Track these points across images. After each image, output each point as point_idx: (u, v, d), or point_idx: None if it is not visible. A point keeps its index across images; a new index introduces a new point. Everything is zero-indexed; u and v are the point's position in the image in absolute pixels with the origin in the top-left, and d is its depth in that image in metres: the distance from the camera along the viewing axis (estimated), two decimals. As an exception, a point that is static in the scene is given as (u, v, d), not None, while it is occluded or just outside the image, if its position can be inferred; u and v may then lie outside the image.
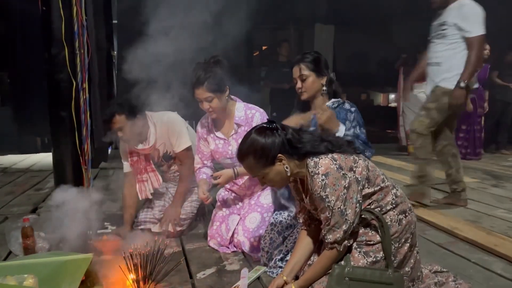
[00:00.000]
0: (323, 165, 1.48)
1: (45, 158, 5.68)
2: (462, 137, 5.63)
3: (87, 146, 2.63)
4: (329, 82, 2.07)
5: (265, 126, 1.58)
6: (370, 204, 1.56)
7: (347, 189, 1.47)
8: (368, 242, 1.55)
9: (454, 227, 2.63)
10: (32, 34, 5.12)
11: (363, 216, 1.54)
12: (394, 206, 1.57)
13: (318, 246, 1.69)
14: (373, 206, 1.56)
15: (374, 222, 1.55)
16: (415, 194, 3.11)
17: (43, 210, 3.13)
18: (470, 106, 5.45)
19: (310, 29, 7.97)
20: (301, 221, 1.75)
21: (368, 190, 1.55)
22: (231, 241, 2.30)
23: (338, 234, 1.48)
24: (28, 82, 5.38)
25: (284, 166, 1.54)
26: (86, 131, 2.63)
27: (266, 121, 1.63)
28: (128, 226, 2.53)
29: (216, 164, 2.48)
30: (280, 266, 1.93)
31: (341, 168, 1.48)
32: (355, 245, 1.56)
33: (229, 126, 2.31)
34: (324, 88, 2.07)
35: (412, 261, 1.61)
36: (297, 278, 1.67)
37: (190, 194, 2.64)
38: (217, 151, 2.34)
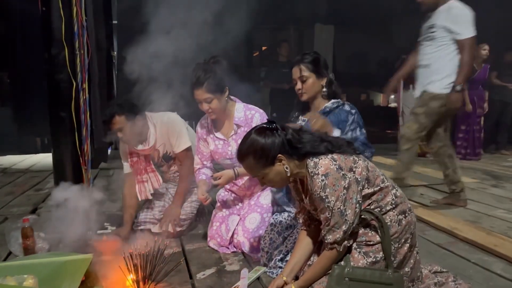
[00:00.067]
0: (323, 165, 1.48)
1: (45, 159, 5.68)
2: (461, 137, 5.64)
3: (87, 147, 2.63)
4: (329, 83, 2.08)
5: (265, 126, 1.58)
6: (370, 204, 1.57)
7: (347, 189, 1.47)
8: (368, 243, 1.55)
9: (454, 228, 2.63)
10: (32, 34, 5.12)
11: (363, 216, 1.54)
12: (393, 206, 1.57)
13: (318, 246, 1.69)
14: (372, 207, 1.56)
15: (374, 223, 1.55)
16: None
17: (43, 210, 3.14)
18: (469, 106, 5.45)
19: (310, 29, 7.97)
20: (300, 221, 1.75)
21: (367, 190, 1.55)
22: (231, 241, 2.30)
23: (338, 235, 1.48)
24: (28, 82, 5.38)
25: (284, 167, 1.54)
26: (86, 132, 2.63)
27: (266, 121, 1.63)
28: (128, 226, 2.53)
29: (215, 164, 2.48)
30: (280, 267, 1.92)
31: (341, 168, 1.48)
32: (355, 245, 1.56)
33: (228, 127, 2.31)
34: (324, 89, 2.07)
35: (412, 261, 1.61)
36: (297, 278, 1.67)
37: (190, 194, 2.63)
38: (216, 152, 2.34)
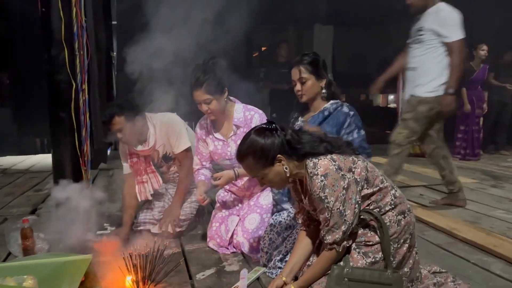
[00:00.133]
0: (322, 166, 1.48)
1: (44, 159, 5.68)
2: (460, 137, 5.64)
3: (87, 147, 2.63)
4: (328, 84, 2.08)
5: (264, 126, 1.58)
6: (369, 205, 1.57)
7: (346, 190, 1.47)
8: (367, 243, 1.55)
9: (453, 228, 2.63)
10: (31, 35, 5.11)
11: (362, 216, 1.55)
12: (393, 207, 1.58)
13: (317, 246, 1.69)
14: (372, 207, 1.57)
15: (373, 223, 1.55)
16: None
17: (43, 211, 3.14)
18: (468, 106, 5.46)
19: (309, 29, 7.97)
20: (300, 221, 1.75)
21: (367, 191, 1.55)
22: (231, 242, 2.30)
23: (337, 235, 1.48)
24: (27, 83, 5.37)
25: (283, 167, 1.54)
26: (85, 132, 2.62)
27: (265, 122, 1.64)
28: (127, 227, 2.53)
29: (215, 165, 2.48)
30: (279, 267, 1.93)
31: (340, 169, 1.49)
32: (354, 245, 1.56)
33: (228, 128, 2.31)
34: (323, 90, 2.07)
35: (411, 261, 1.62)
36: (296, 278, 1.67)
37: (190, 195, 2.63)
38: (216, 152, 2.34)
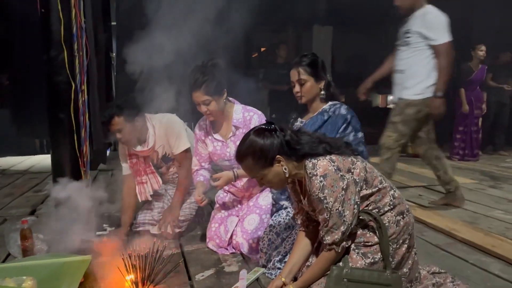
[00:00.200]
0: (321, 166, 1.48)
1: (43, 160, 5.68)
2: (459, 138, 5.66)
3: (86, 148, 2.63)
4: (327, 85, 2.08)
5: (263, 127, 1.58)
6: (368, 205, 1.57)
7: (345, 190, 1.48)
8: (366, 243, 1.56)
9: (452, 228, 2.64)
10: (31, 36, 5.11)
11: (361, 217, 1.55)
12: (392, 207, 1.58)
13: (317, 247, 1.70)
14: (371, 208, 1.57)
15: (372, 224, 1.56)
16: None
17: (42, 212, 3.14)
18: (466, 107, 5.47)
19: (309, 30, 7.97)
20: (299, 222, 1.75)
21: (366, 191, 1.55)
22: (230, 242, 2.30)
23: (336, 236, 1.49)
24: (27, 83, 5.36)
25: (282, 167, 1.55)
26: (84, 133, 2.62)
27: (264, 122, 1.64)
28: (125, 228, 2.53)
29: (214, 166, 2.48)
30: (278, 268, 1.93)
31: (339, 169, 1.49)
32: (353, 246, 1.56)
33: (227, 128, 2.32)
34: (322, 92, 2.07)
35: (410, 262, 1.62)
36: (295, 279, 1.67)
37: (189, 196, 2.64)
38: (215, 153, 2.34)
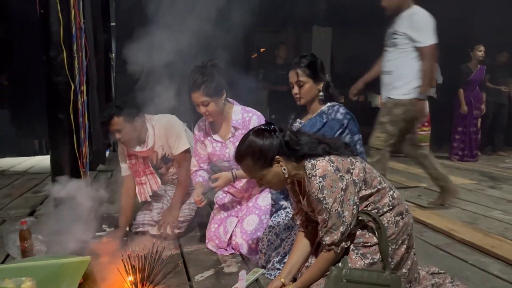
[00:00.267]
0: (321, 167, 1.48)
1: (43, 161, 5.68)
2: (458, 139, 5.66)
3: (85, 149, 2.63)
4: (325, 86, 2.08)
5: (263, 128, 1.58)
6: (367, 206, 1.57)
7: (344, 191, 1.48)
8: (365, 244, 1.56)
9: (451, 229, 2.64)
10: (30, 36, 5.11)
11: (360, 218, 1.55)
12: (391, 208, 1.58)
13: (316, 248, 1.70)
14: (370, 208, 1.57)
15: (371, 224, 1.56)
16: None
17: (41, 212, 3.13)
18: (465, 107, 5.47)
19: (308, 31, 7.98)
20: (298, 222, 1.75)
21: (365, 192, 1.55)
22: (229, 243, 2.30)
23: (336, 236, 1.49)
24: (26, 84, 5.36)
25: (281, 168, 1.55)
26: (84, 134, 2.62)
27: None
28: (123, 229, 2.53)
29: (213, 166, 2.48)
30: (278, 268, 1.93)
31: (338, 170, 1.49)
32: (352, 247, 1.57)
33: (226, 129, 2.32)
34: (321, 93, 2.07)
35: (409, 262, 1.62)
36: (295, 280, 1.67)
37: (189, 196, 2.63)
38: (214, 154, 2.34)
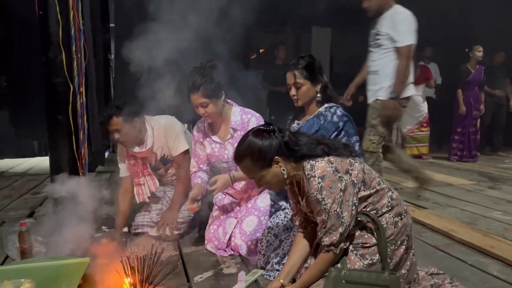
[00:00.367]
0: (320, 168, 1.48)
1: (42, 162, 5.67)
2: (457, 139, 5.66)
3: (84, 150, 2.63)
4: (323, 88, 2.07)
5: (262, 128, 1.58)
6: (366, 206, 1.57)
7: (343, 191, 1.48)
8: (364, 245, 1.56)
9: (451, 229, 2.64)
10: (29, 38, 5.12)
11: (359, 218, 1.55)
12: (389, 208, 1.58)
13: (315, 248, 1.70)
14: (369, 209, 1.57)
15: (370, 225, 1.56)
16: None
17: (40, 214, 3.13)
18: (463, 108, 5.48)
19: (307, 31, 8.00)
20: (297, 223, 1.75)
21: (364, 192, 1.55)
22: (228, 244, 2.30)
23: (335, 237, 1.49)
24: (25, 85, 5.36)
25: (281, 169, 1.55)
26: (83, 135, 2.63)
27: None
28: (119, 229, 2.52)
29: (212, 168, 2.48)
30: (277, 269, 1.93)
31: (337, 171, 1.49)
32: (351, 247, 1.57)
33: (225, 130, 2.31)
34: (318, 95, 2.07)
35: (408, 263, 1.62)
36: (294, 281, 1.67)
37: (187, 198, 2.63)
38: (213, 155, 2.34)
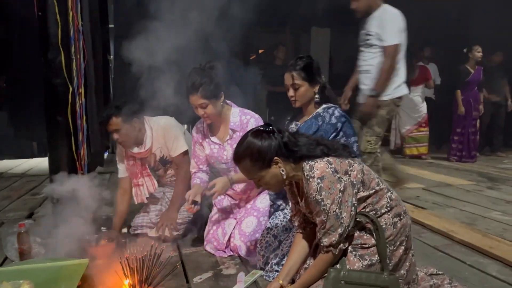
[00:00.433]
0: (319, 168, 1.48)
1: (41, 163, 5.67)
2: (457, 139, 5.66)
3: (83, 151, 2.63)
4: (321, 89, 2.07)
5: (261, 129, 1.58)
6: (365, 207, 1.57)
7: (342, 192, 1.48)
8: (363, 245, 1.56)
9: (450, 230, 2.64)
10: (28, 39, 5.12)
11: (358, 219, 1.55)
12: (389, 209, 1.58)
13: (314, 249, 1.70)
14: (368, 210, 1.57)
15: (369, 225, 1.56)
16: None
17: (39, 215, 3.13)
18: (462, 109, 5.47)
19: (307, 32, 8.00)
20: (296, 224, 1.75)
21: (363, 193, 1.55)
22: (228, 245, 2.30)
23: (334, 238, 1.49)
24: (24, 86, 5.36)
25: (280, 169, 1.54)
26: (82, 136, 2.63)
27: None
28: (117, 230, 2.51)
29: (212, 169, 2.48)
30: (276, 270, 1.93)
31: (336, 171, 1.49)
32: (351, 248, 1.57)
33: (224, 131, 2.31)
34: (316, 96, 2.07)
35: (407, 264, 1.62)
36: (293, 281, 1.67)
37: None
38: (212, 156, 2.34)
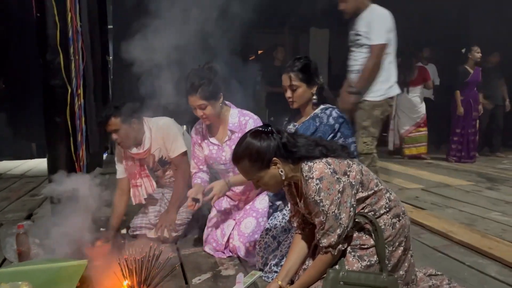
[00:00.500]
0: (317, 169, 1.48)
1: (40, 164, 5.67)
2: (456, 140, 5.65)
3: (82, 152, 2.63)
4: (319, 89, 2.07)
5: (260, 129, 1.58)
6: (364, 208, 1.57)
7: (341, 193, 1.48)
8: (362, 246, 1.56)
9: (449, 230, 2.64)
10: (27, 40, 5.12)
11: (357, 220, 1.55)
12: (387, 210, 1.58)
13: (313, 250, 1.70)
14: (366, 210, 1.57)
15: (368, 226, 1.56)
16: None
17: (38, 216, 3.12)
18: (461, 109, 5.47)
19: (306, 33, 8.01)
20: (295, 225, 1.75)
21: (362, 194, 1.55)
22: (227, 246, 2.30)
23: (333, 238, 1.49)
24: (23, 87, 5.36)
25: (279, 170, 1.54)
26: (81, 137, 2.62)
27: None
28: (113, 230, 2.51)
29: (210, 169, 2.47)
30: (275, 271, 1.93)
31: (335, 172, 1.49)
32: (349, 249, 1.56)
33: (223, 132, 2.31)
34: (314, 97, 2.07)
35: (406, 264, 1.62)
36: (292, 282, 1.67)
37: (186, 199, 2.62)
38: (211, 157, 2.34)
